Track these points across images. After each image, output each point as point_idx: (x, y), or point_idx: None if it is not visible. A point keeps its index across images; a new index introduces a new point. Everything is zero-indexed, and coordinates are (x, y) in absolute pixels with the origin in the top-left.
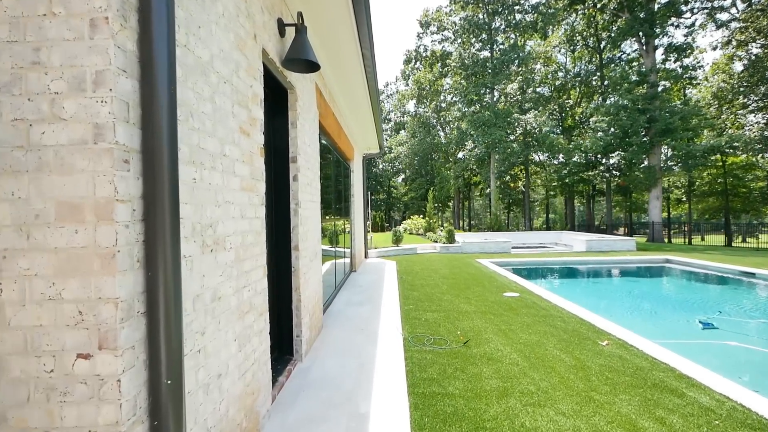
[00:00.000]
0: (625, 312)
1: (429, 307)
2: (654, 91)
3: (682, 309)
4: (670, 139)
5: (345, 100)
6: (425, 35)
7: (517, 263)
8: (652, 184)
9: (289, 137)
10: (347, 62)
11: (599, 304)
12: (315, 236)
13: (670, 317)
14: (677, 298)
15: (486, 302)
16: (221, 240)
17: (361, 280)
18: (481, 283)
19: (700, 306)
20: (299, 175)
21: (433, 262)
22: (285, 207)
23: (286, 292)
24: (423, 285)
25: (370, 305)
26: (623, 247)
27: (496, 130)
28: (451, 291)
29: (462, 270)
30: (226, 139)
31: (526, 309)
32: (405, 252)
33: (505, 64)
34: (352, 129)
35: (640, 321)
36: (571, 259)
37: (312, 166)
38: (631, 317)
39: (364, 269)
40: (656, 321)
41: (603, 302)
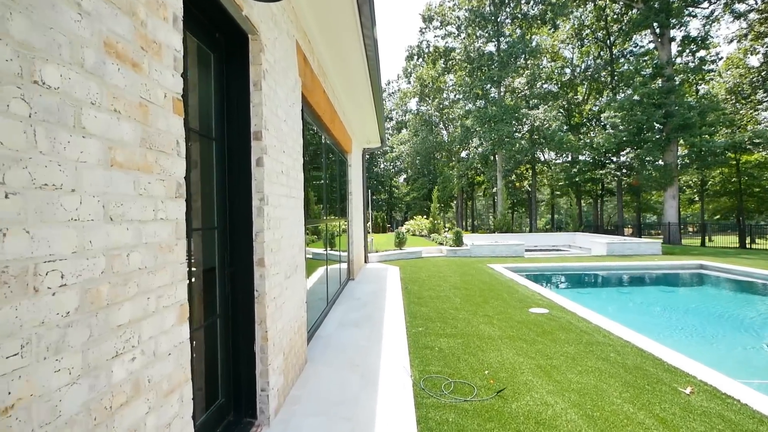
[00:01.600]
0: (677, 333)
1: (442, 329)
2: (670, 85)
3: (743, 329)
4: (689, 135)
5: (340, 80)
6: (428, 30)
7: (534, 269)
8: (668, 183)
9: (251, 103)
10: (343, 33)
11: (641, 322)
12: (294, 243)
13: (733, 341)
14: (731, 315)
15: (511, 322)
16: (33, 271)
17: (360, 290)
18: (499, 294)
19: (762, 325)
20: (266, 158)
21: (441, 268)
22: (244, 204)
23: (245, 327)
24: (432, 297)
25: (369, 326)
26: (648, 251)
27: (504, 125)
28: (466, 305)
29: (474, 278)
30: (63, 56)
31: (563, 332)
32: (409, 256)
33: (513, 56)
34: (349, 117)
35: (700, 347)
36: (593, 265)
37: (289, 150)
38: (687, 341)
39: (363, 276)
40: (720, 347)
41: (645, 319)
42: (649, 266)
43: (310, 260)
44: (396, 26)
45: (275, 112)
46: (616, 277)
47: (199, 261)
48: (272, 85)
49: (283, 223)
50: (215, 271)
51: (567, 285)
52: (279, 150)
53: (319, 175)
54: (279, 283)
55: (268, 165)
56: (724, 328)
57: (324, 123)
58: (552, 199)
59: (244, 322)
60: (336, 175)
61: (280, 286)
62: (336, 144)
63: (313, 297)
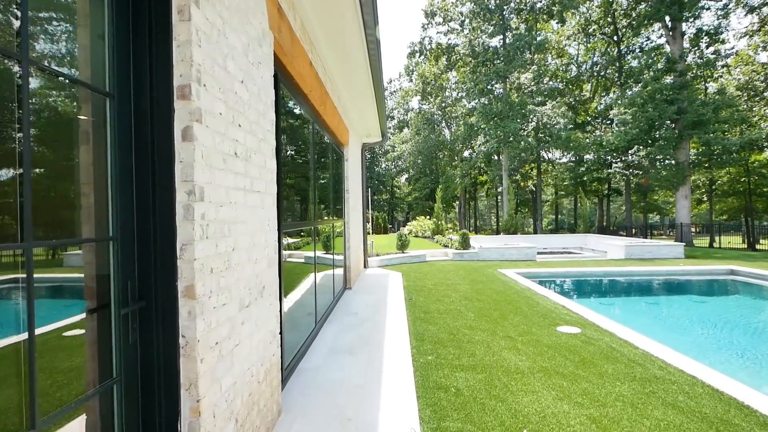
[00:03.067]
0: (732, 358)
1: (456, 357)
2: (683, 80)
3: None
4: (703, 132)
5: (334, 59)
6: (430, 26)
7: (549, 274)
8: (680, 182)
9: (173, 40)
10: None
11: (683, 341)
12: (258, 257)
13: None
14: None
15: (539, 346)
16: None
17: (357, 302)
18: (517, 307)
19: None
20: (201, 130)
21: (448, 274)
22: (162, 201)
23: (163, 396)
24: (441, 312)
25: (367, 353)
26: (669, 254)
27: (510, 122)
28: (482, 322)
29: (486, 286)
30: None
31: (607, 362)
32: (412, 260)
33: (519, 50)
34: (346, 105)
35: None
36: (614, 270)
37: (251, 126)
38: (749, 369)
39: (362, 285)
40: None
41: (685, 338)
42: (674, 272)
43: (294, 266)
44: (398, 24)
45: (221, 64)
46: (639, 284)
47: (80, 291)
48: (214, 21)
49: (237, 229)
50: (109, 310)
51: (587, 293)
52: (229, 121)
53: (305, 167)
54: (228, 318)
55: (206, 140)
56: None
57: (311, 103)
58: (556, 200)
59: (163, 387)
60: (329, 169)
61: (230, 323)
62: (329, 132)
63: (297, 316)
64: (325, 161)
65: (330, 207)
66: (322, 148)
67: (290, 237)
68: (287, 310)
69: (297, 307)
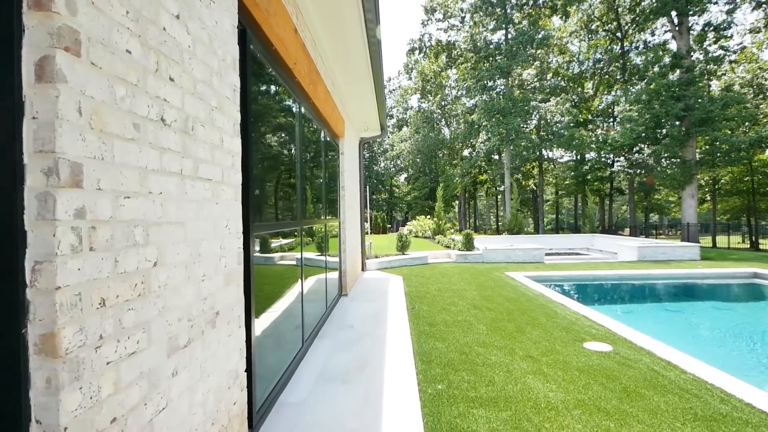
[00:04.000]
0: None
1: (472, 386)
2: (690, 76)
3: None
4: (710, 129)
5: (328, 38)
6: (430, 22)
7: (560, 278)
8: (687, 181)
9: None
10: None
11: (715, 355)
12: (206, 272)
13: None
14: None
15: (568, 369)
16: None
17: (354, 312)
18: (533, 317)
19: None
20: (71, 64)
21: (452, 278)
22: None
23: None
24: (448, 324)
25: (364, 382)
26: (684, 256)
27: (512, 119)
28: (497, 337)
29: (496, 292)
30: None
31: (654, 392)
32: (413, 262)
33: (522, 45)
34: (341, 91)
35: None
36: (628, 273)
37: (192, 77)
38: None
39: (359, 290)
40: None
41: (717, 351)
42: (693, 275)
43: (277, 272)
44: (397, 21)
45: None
46: (657, 289)
47: None
48: None
49: (164, 234)
50: None
51: (604, 299)
52: (149, 68)
53: (291, 157)
54: (142, 373)
55: (92, 87)
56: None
57: (297, 81)
58: (557, 199)
59: None
60: (321, 162)
61: (146, 381)
62: (321, 120)
63: (279, 334)
64: (316, 152)
65: (322, 205)
66: (312, 137)
67: (283, 238)
68: (265, 328)
69: (279, 323)
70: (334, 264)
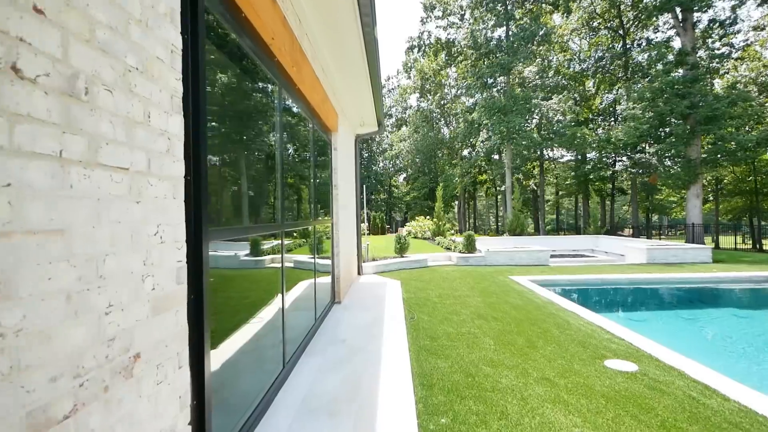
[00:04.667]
0: None
1: (482, 420)
2: (695, 73)
3: None
4: (716, 127)
5: (314, 14)
6: (429, 20)
7: (567, 282)
8: (691, 180)
9: None
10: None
11: (755, 375)
12: (116, 301)
13: None
14: None
15: (593, 397)
16: None
17: (347, 323)
18: (545, 329)
19: None
20: None
21: (454, 283)
22: None
23: None
24: (451, 337)
25: (353, 415)
26: (696, 258)
27: (514, 117)
28: (506, 354)
29: (501, 299)
30: None
31: (698, 427)
32: (412, 265)
33: (524, 40)
34: (334, 82)
35: None
36: (639, 277)
37: (88, 18)
38: None
39: (354, 296)
40: None
41: (757, 369)
42: (707, 279)
43: (254, 281)
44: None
45: None
46: (671, 294)
47: None
48: None
49: (24, 248)
50: None
51: (615, 306)
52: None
53: (268, 149)
54: None
55: None
56: None
57: (277, 60)
58: (557, 199)
59: None
60: (309, 157)
61: None
62: (309, 110)
63: (250, 361)
64: (302, 146)
65: (311, 205)
66: (297, 128)
67: (259, 243)
68: (230, 358)
69: (251, 345)
70: (326, 267)
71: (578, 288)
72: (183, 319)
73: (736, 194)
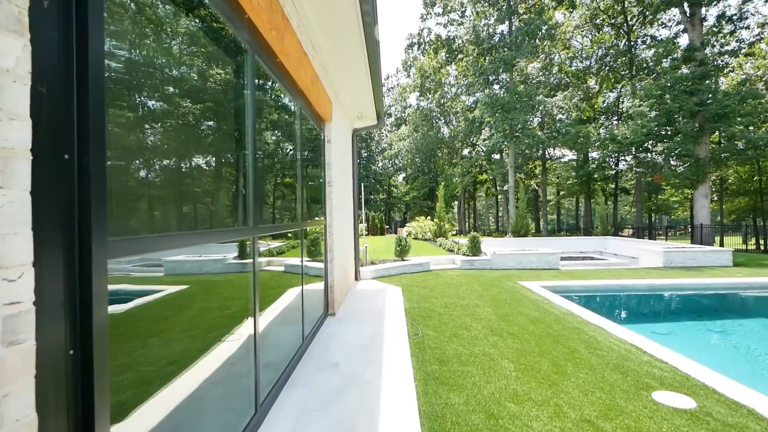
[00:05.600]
0: None
1: None
2: (704, 70)
3: None
4: (726, 125)
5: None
6: (429, 17)
7: (583, 289)
8: (699, 180)
9: None
10: None
11: None
12: None
13: None
14: None
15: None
16: None
17: (340, 341)
18: (572, 349)
19: None
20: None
21: (460, 290)
22: None
23: None
24: (463, 360)
25: None
26: (715, 261)
27: (517, 114)
28: (531, 385)
29: (515, 309)
30: None
31: None
32: (414, 269)
33: (529, 35)
34: (328, 66)
35: None
36: (659, 283)
37: None
38: None
39: (350, 306)
40: None
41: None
42: (731, 285)
43: (228, 297)
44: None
45: None
46: (694, 302)
47: None
48: None
49: None
50: None
51: (636, 316)
52: None
53: (231, 126)
54: None
55: None
56: None
57: (247, 15)
58: (559, 199)
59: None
60: (295, 148)
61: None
62: (294, 89)
63: (210, 409)
64: (285, 133)
65: (297, 204)
66: (277, 110)
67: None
68: (176, 407)
69: (206, 390)
70: (318, 271)
71: (595, 295)
72: (20, 410)
73: (739, 194)
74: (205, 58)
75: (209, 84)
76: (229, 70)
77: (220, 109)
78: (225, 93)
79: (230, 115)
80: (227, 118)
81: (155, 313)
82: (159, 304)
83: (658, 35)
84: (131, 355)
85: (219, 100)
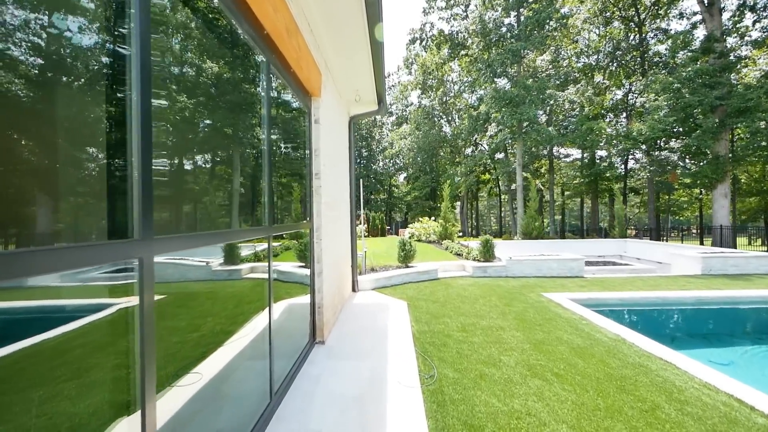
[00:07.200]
0: None
1: None
2: (725, 62)
3: None
4: (750, 120)
5: None
6: (432, 11)
7: (619, 302)
8: (718, 179)
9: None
10: None
11: None
12: None
13: None
14: None
15: None
16: None
17: (326, 389)
18: (652, 405)
19: None
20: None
21: (478, 306)
22: None
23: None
24: (500, 424)
25: None
26: (760, 268)
27: (526, 108)
28: None
29: (551, 334)
30: None
31: None
32: (420, 277)
33: (539, 24)
34: (318, 30)
35: None
36: (707, 296)
37: None
38: None
39: (344, 329)
40: None
41: None
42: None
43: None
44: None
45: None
46: (745, 318)
47: None
48: None
49: None
50: None
51: (690, 339)
52: None
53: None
54: None
55: None
56: None
57: None
58: (564, 200)
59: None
60: (261, 119)
61: None
62: (265, 44)
63: None
64: (246, 99)
65: (259, 203)
66: (239, 60)
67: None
68: None
69: None
70: (304, 281)
71: (635, 310)
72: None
73: (752, 194)
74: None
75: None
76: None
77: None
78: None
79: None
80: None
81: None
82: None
83: (672, 28)
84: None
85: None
